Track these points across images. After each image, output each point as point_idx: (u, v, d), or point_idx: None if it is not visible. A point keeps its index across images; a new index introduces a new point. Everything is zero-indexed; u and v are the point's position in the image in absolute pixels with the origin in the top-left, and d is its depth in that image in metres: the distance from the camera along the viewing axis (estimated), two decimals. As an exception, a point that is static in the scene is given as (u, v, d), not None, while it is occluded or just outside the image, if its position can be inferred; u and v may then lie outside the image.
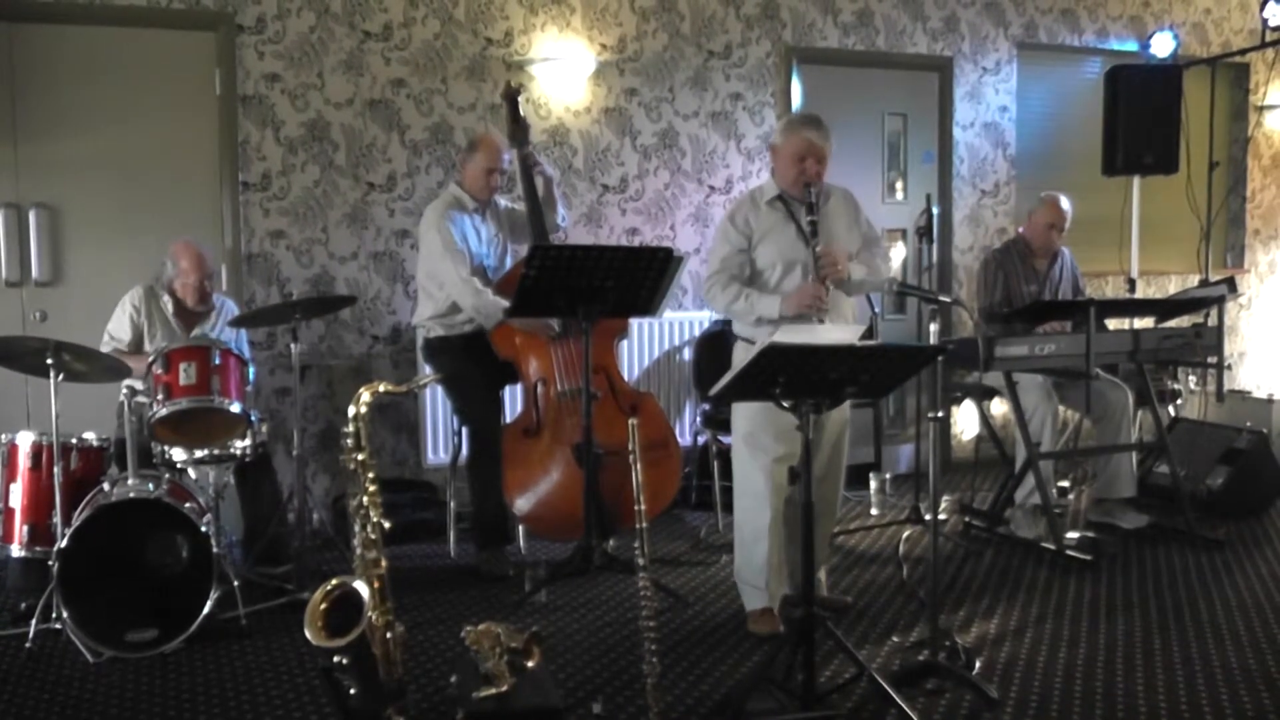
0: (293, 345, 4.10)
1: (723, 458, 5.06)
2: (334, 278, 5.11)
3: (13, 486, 3.83)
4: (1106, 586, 4.13)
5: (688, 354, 5.54)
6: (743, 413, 3.68)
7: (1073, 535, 4.62)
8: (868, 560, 4.53)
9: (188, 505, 3.65)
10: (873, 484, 5.35)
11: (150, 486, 3.64)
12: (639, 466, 2.88)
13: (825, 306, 3.52)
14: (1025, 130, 6.46)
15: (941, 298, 3.78)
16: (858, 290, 3.78)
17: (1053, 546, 4.45)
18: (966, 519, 4.94)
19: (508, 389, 4.59)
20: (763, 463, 3.61)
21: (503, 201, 4.60)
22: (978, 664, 3.36)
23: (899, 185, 6.25)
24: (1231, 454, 5.17)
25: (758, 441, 3.62)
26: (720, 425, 4.97)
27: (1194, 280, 6.46)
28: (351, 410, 2.91)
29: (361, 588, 2.72)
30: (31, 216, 4.76)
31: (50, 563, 3.52)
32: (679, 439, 4.61)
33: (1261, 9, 6.14)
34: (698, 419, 5.35)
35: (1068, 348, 4.44)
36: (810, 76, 5.89)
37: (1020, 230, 5.25)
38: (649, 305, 4.02)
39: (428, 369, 4.54)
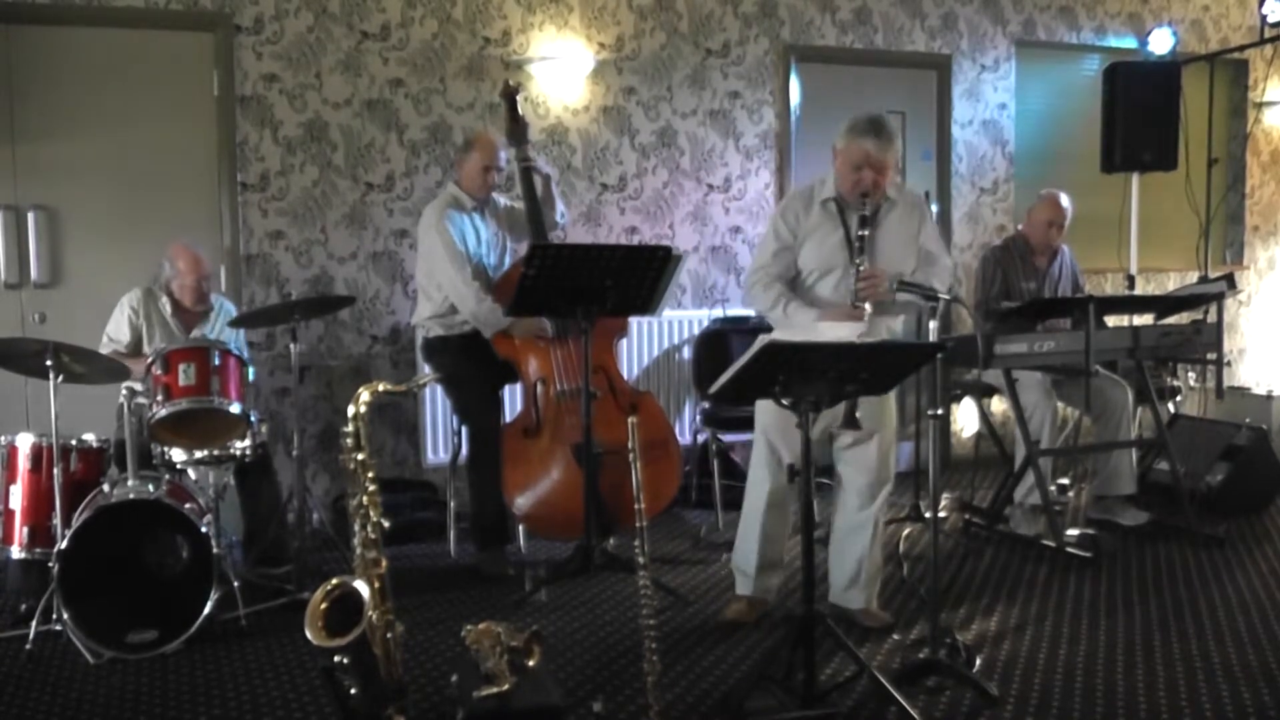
0: (292, 346, 4.09)
1: (722, 456, 5.07)
2: (333, 278, 5.11)
3: (13, 488, 3.82)
4: (1106, 584, 4.13)
5: (687, 353, 5.53)
6: (760, 404, 3.66)
7: (1073, 532, 4.62)
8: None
9: (187, 506, 3.65)
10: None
11: (150, 487, 3.64)
12: (638, 465, 2.88)
13: (862, 329, 3.40)
14: (1024, 128, 6.45)
15: (940, 295, 3.76)
16: (898, 307, 3.64)
17: (1053, 544, 4.45)
18: (966, 517, 4.94)
19: (507, 388, 4.59)
20: (762, 452, 3.67)
21: (502, 200, 4.60)
22: (978, 661, 3.36)
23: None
24: (1231, 451, 5.17)
25: (764, 433, 3.66)
26: (720, 424, 4.98)
27: (1193, 277, 6.46)
28: (351, 410, 2.91)
29: (361, 587, 2.72)
30: (30, 218, 4.76)
31: (50, 564, 3.52)
32: (679, 438, 4.62)
33: (1260, 5, 6.14)
34: (697, 418, 5.35)
35: (1067, 345, 4.44)
36: (808, 75, 5.89)
37: (1020, 228, 5.26)
38: (648, 304, 4.02)
39: (427, 369, 4.54)
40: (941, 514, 4.85)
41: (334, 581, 2.76)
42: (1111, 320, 5.15)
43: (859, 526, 3.64)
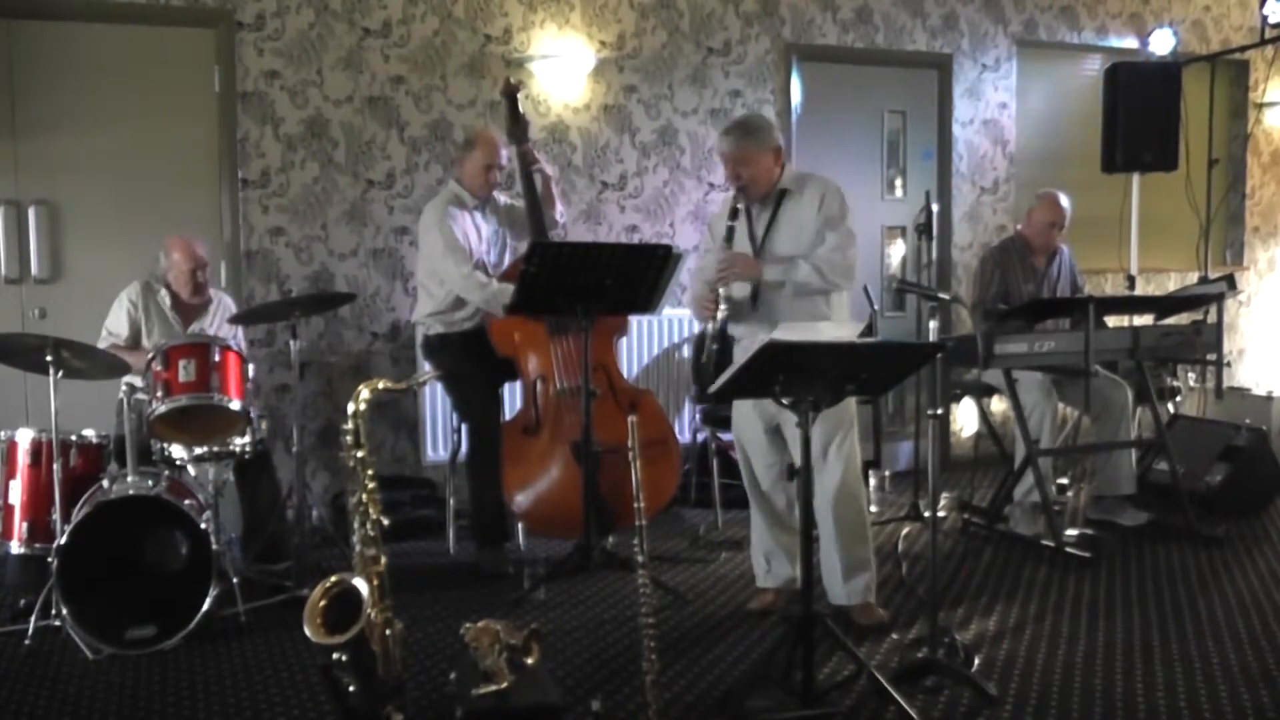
0: (292, 342, 4.09)
1: (722, 455, 5.07)
2: (333, 275, 5.10)
3: (12, 483, 3.82)
4: (1105, 584, 4.13)
5: (687, 351, 5.53)
6: (734, 406, 3.86)
7: (1072, 532, 4.62)
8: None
9: (187, 502, 3.65)
10: (872, 481, 5.35)
11: (150, 483, 3.64)
12: (638, 464, 2.88)
13: (710, 312, 3.61)
14: (1025, 127, 6.45)
15: (941, 295, 3.74)
16: (790, 290, 3.59)
17: (1052, 544, 4.45)
18: (966, 516, 4.94)
19: (507, 386, 4.59)
20: (743, 452, 3.83)
21: (503, 198, 4.60)
22: (977, 661, 3.36)
23: (898, 182, 6.25)
24: (1231, 451, 5.17)
25: (738, 431, 3.84)
26: (720, 423, 4.97)
27: (1193, 277, 6.46)
28: (351, 407, 2.91)
29: (360, 585, 2.72)
30: (31, 213, 4.76)
31: (49, 560, 3.53)
32: (678, 436, 4.61)
33: (1261, 6, 6.13)
34: (697, 416, 5.35)
35: (1067, 345, 4.44)
36: (809, 74, 5.89)
37: (1019, 228, 5.25)
38: (648, 303, 4.02)
39: (427, 366, 4.54)
40: (941, 513, 4.86)
41: (333, 579, 2.76)
42: (1111, 320, 5.15)
43: (823, 525, 3.63)
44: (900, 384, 3.83)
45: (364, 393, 2.91)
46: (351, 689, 2.70)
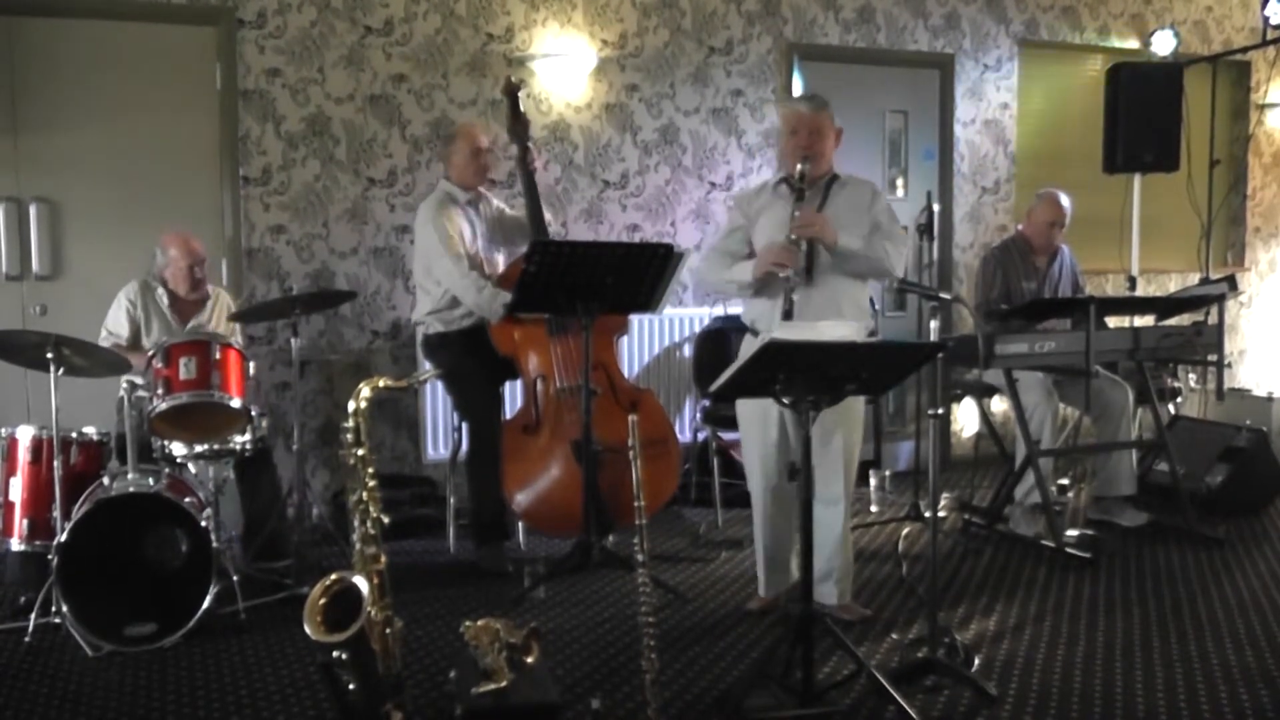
0: (293, 340, 4.10)
1: (722, 454, 5.07)
2: (334, 273, 5.10)
3: (12, 480, 3.82)
4: (1105, 584, 4.13)
5: (688, 350, 5.53)
6: (739, 406, 3.78)
7: (1072, 533, 4.62)
8: (867, 557, 4.52)
9: (187, 500, 3.65)
10: (872, 481, 5.35)
11: (150, 481, 3.64)
12: (638, 463, 2.88)
13: (790, 265, 3.43)
14: (1026, 128, 6.45)
15: (942, 295, 3.73)
16: (853, 265, 3.57)
17: (1052, 544, 4.45)
18: (966, 516, 4.94)
19: (507, 385, 4.59)
20: (751, 454, 3.76)
21: (495, 201, 4.61)
22: (976, 661, 3.36)
23: (900, 182, 6.25)
24: (1231, 452, 5.17)
25: (748, 434, 3.75)
26: (720, 422, 4.97)
27: (1194, 278, 6.46)
28: (351, 405, 2.91)
29: (360, 583, 2.72)
30: (32, 210, 4.76)
31: (50, 557, 3.53)
32: (679, 435, 4.61)
33: (1263, 7, 6.13)
34: (698, 415, 5.35)
35: (1068, 345, 4.44)
36: (811, 73, 5.88)
37: (1020, 228, 5.25)
38: (649, 302, 4.02)
39: (427, 365, 4.54)
40: (941, 513, 4.86)
41: (333, 577, 2.76)
42: (1112, 321, 5.15)
43: (829, 527, 3.62)
44: (901, 384, 3.81)
45: (364, 391, 2.91)
46: (351, 687, 2.70)
